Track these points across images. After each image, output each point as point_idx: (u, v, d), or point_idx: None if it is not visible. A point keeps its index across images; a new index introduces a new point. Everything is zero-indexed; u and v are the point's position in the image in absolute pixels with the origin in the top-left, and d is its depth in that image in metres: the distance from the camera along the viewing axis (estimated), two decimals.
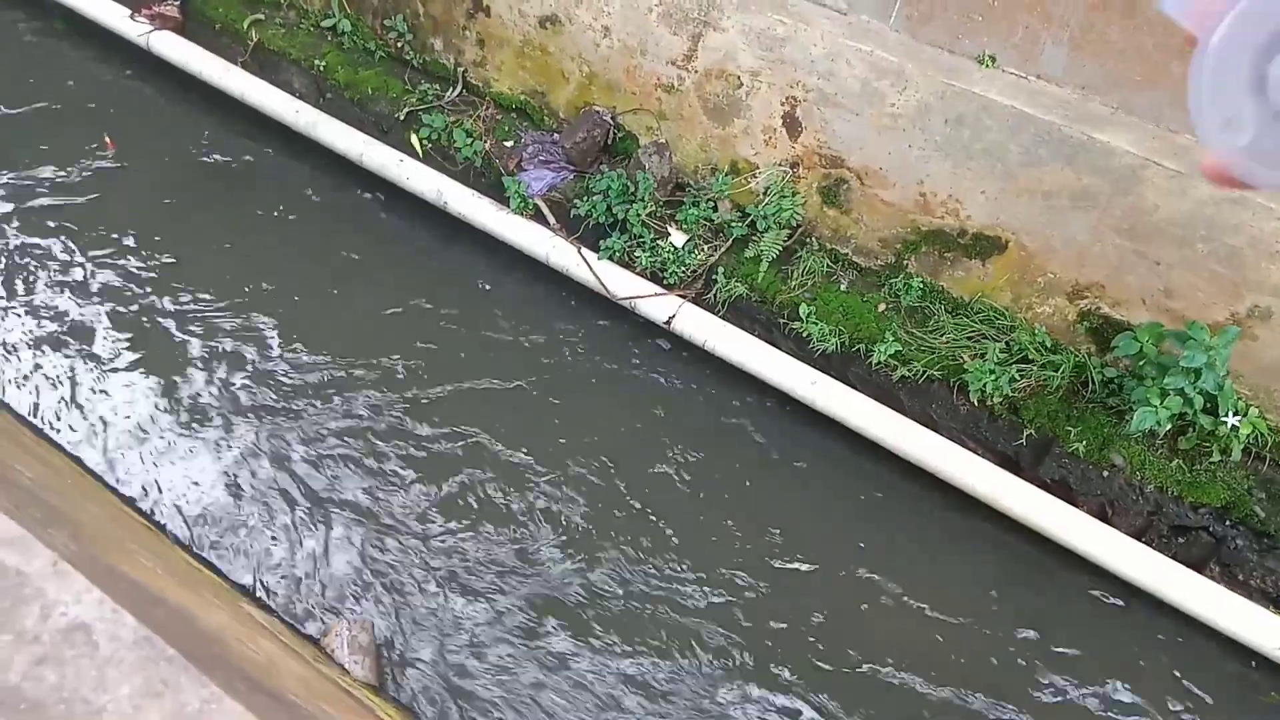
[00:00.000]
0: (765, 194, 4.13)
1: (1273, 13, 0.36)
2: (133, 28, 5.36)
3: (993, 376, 3.64)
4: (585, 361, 4.27)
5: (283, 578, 3.36)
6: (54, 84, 5.45)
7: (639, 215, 4.22)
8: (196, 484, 3.59)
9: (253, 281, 4.39)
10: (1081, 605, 3.62)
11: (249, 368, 4.02)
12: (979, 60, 3.69)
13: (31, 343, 4.00)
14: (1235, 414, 3.36)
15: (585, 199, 4.33)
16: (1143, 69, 3.39)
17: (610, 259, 4.30)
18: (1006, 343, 3.73)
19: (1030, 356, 3.69)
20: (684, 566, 3.55)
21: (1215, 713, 3.35)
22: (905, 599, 3.57)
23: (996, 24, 3.63)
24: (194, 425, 3.78)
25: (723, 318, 4.15)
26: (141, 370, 3.96)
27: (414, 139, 4.74)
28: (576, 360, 4.27)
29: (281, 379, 4.00)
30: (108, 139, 5.05)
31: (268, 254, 4.57)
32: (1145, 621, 3.56)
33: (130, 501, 3.46)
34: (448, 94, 4.88)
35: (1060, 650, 3.47)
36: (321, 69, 5.07)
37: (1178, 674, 3.44)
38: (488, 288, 4.55)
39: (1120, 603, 3.60)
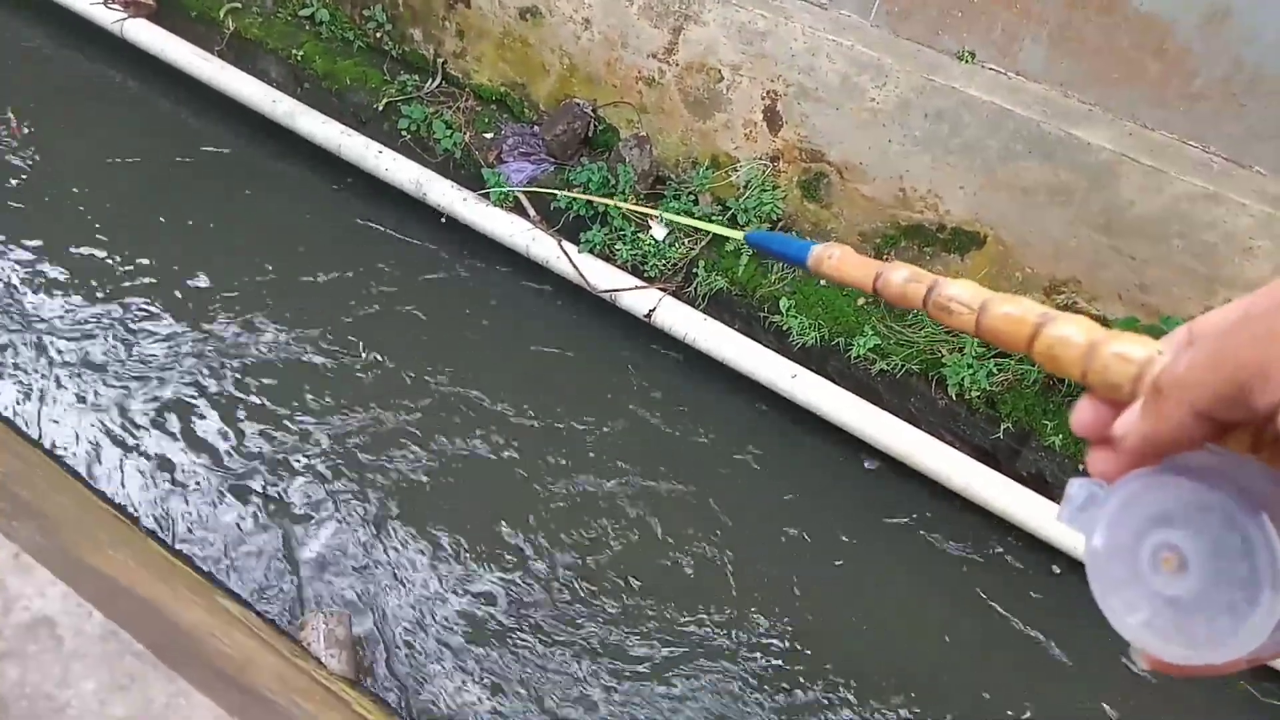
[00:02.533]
0: (746, 188, 4.13)
1: (1130, 519, 0.46)
2: (106, 14, 5.27)
3: (970, 371, 3.66)
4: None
5: (258, 570, 3.33)
6: (23, 73, 5.36)
7: (619, 208, 4.21)
8: (169, 476, 3.55)
9: (228, 270, 4.35)
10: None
11: (226, 359, 3.98)
12: (958, 56, 3.71)
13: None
14: None
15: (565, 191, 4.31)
16: (1119, 66, 3.41)
17: (590, 252, 4.29)
18: None
19: (1007, 351, 3.71)
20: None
21: None
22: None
23: (976, 20, 3.64)
24: (167, 417, 3.73)
25: (703, 311, 4.15)
26: (115, 363, 3.90)
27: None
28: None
29: (258, 370, 3.96)
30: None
31: (242, 244, 4.53)
32: None
33: (103, 495, 3.42)
34: (427, 85, 4.84)
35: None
36: (299, 58, 5.02)
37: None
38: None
39: None
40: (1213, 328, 0.43)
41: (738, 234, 0.73)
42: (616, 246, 4.25)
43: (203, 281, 4.29)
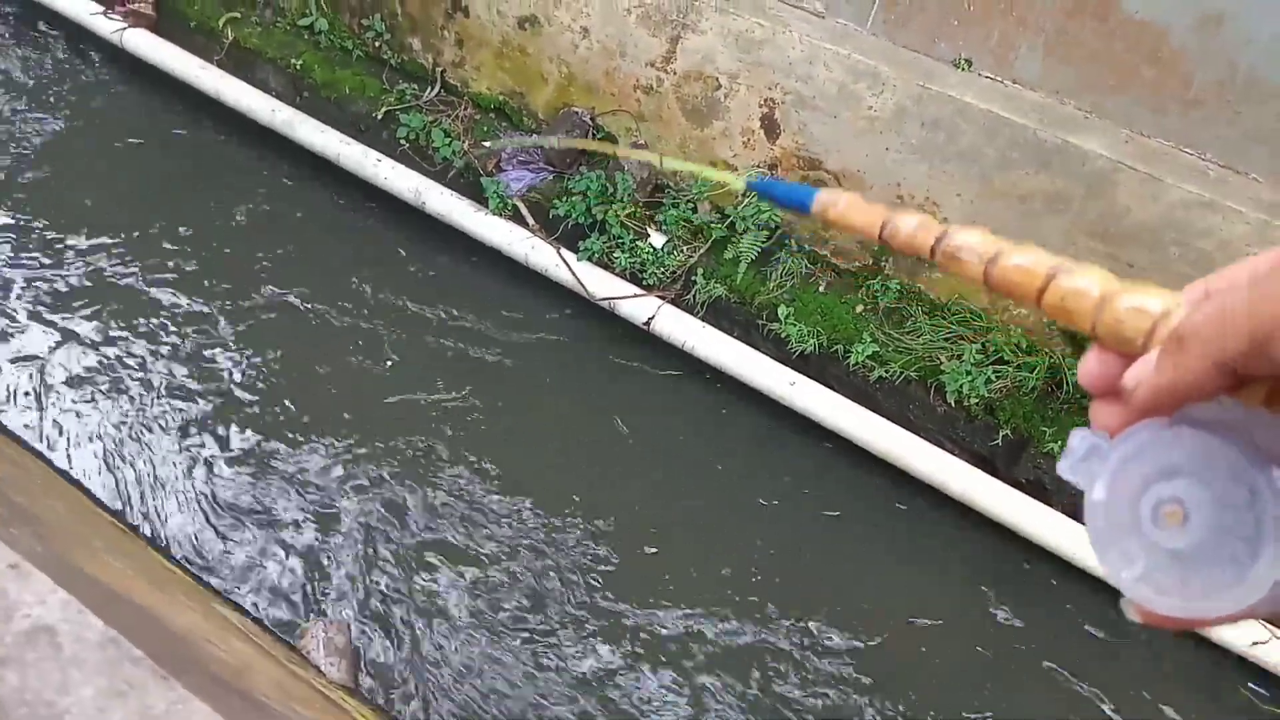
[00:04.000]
0: (744, 195, 4.14)
1: (1135, 471, 0.45)
2: (106, 25, 5.29)
3: (969, 378, 3.67)
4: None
5: (256, 578, 3.33)
6: (25, 84, 5.38)
7: (618, 216, 4.22)
8: (166, 482, 3.54)
9: (226, 275, 4.35)
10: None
11: (224, 373, 3.98)
12: (955, 64, 3.72)
13: None
14: None
15: (564, 199, 4.32)
16: (1115, 73, 3.43)
17: (589, 260, 4.30)
18: (983, 344, 3.76)
19: (1006, 358, 3.72)
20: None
21: None
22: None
23: (972, 28, 3.66)
24: (165, 422, 3.73)
25: (702, 319, 4.16)
26: (110, 371, 3.90)
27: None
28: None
29: (258, 383, 3.96)
30: None
31: (242, 249, 4.53)
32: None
33: (100, 501, 3.41)
34: (426, 94, 4.86)
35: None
36: (298, 68, 5.03)
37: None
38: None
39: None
40: (1232, 282, 0.43)
41: (738, 181, 0.71)
42: (615, 254, 4.25)
43: (201, 284, 4.29)
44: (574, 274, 4.26)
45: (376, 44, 4.96)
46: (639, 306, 4.18)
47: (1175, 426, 0.44)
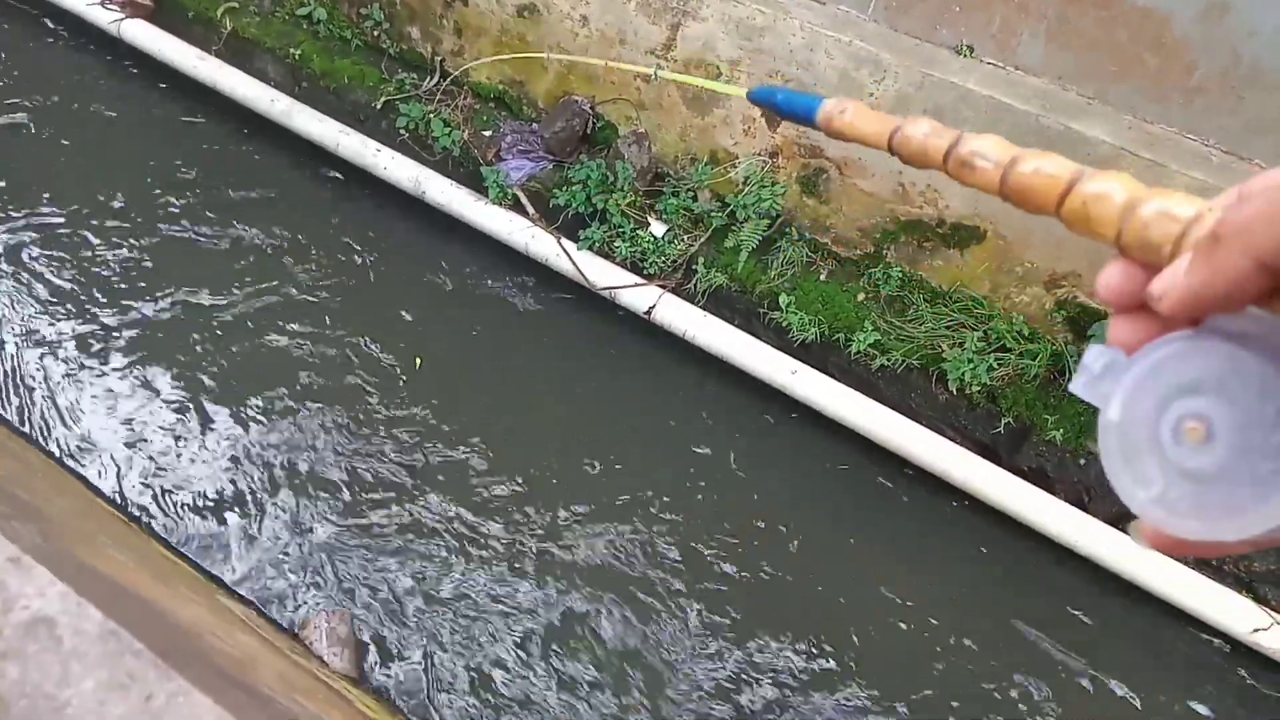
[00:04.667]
0: (745, 184, 4.12)
1: (1156, 387, 0.43)
2: (103, 15, 5.27)
3: (971, 365, 3.66)
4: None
5: (260, 569, 3.33)
6: (22, 75, 5.36)
7: (618, 205, 4.21)
8: (168, 473, 3.55)
9: (226, 272, 4.35)
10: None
11: (229, 358, 3.98)
12: (957, 51, 3.70)
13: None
14: None
15: (564, 189, 4.31)
16: (1117, 60, 3.41)
17: (590, 249, 4.28)
18: (984, 332, 3.76)
19: (1008, 345, 3.71)
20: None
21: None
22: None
23: (974, 14, 3.64)
24: (169, 413, 3.73)
25: (703, 308, 4.15)
26: (113, 362, 3.90)
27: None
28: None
29: (259, 374, 3.96)
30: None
31: (242, 245, 4.53)
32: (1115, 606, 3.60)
33: (104, 495, 3.42)
34: (425, 83, 4.84)
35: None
36: (297, 57, 5.01)
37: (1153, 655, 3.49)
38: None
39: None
40: (1272, 183, 0.40)
41: (740, 91, 0.70)
42: (615, 243, 4.24)
43: (203, 277, 4.29)
44: (574, 263, 4.25)
45: (375, 33, 4.93)
46: (640, 295, 4.17)
47: (1201, 338, 0.42)
